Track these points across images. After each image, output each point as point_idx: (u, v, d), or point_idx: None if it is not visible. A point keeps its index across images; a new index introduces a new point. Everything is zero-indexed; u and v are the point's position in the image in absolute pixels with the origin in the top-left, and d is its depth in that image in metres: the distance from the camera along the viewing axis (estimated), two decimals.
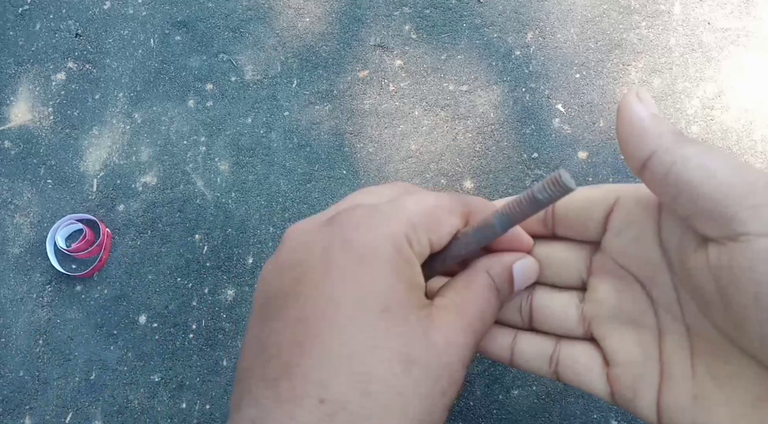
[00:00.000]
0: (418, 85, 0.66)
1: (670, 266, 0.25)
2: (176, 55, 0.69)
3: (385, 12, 0.68)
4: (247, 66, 0.69)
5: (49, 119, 0.70)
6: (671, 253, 0.25)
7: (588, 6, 0.66)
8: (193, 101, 0.68)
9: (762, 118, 0.64)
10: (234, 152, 0.66)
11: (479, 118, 0.65)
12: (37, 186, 0.68)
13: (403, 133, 0.65)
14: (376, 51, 0.67)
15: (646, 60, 0.65)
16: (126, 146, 0.68)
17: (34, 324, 0.64)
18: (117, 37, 0.71)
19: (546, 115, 0.64)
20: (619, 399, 0.28)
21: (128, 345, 0.63)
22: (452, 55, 0.66)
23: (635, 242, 0.26)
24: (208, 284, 0.65)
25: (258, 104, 0.67)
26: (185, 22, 0.70)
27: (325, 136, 0.66)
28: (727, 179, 0.20)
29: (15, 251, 0.67)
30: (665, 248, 0.25)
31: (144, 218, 0.65)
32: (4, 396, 0.63)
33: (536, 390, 0.58)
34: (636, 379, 0.26)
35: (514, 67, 0.66)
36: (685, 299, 0.25)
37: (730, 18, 0.65)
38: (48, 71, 0.71)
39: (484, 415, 0.57)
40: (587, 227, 0.28)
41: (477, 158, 0.64)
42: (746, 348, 0.22)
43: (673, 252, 0.25)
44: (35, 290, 0.65)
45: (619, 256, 0.27)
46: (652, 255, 0.26)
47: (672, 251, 0.25)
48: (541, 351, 0.31)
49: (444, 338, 0.24)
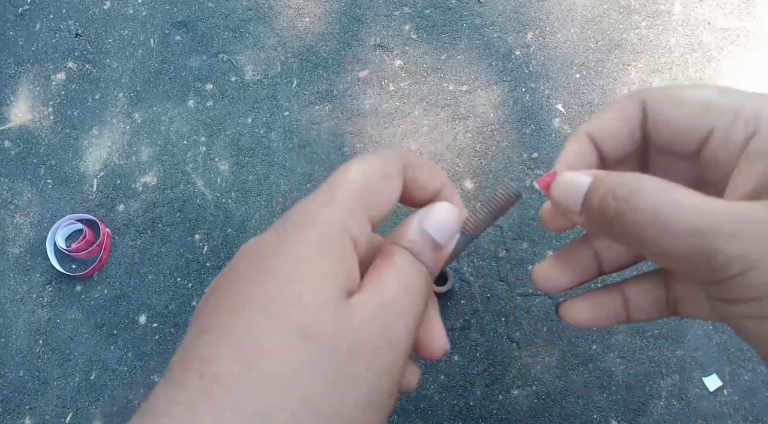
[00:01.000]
0: (418, 85, 0.66)
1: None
2: (176, 55, 0.69)
3: (385, 12, 0.68)
4: (247, 66, 0.69)
5: (49, 119, 0.70)
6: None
7: (588, 6, 0.66)
8: (193, 101, 0.68)
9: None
10: (234, 152, 0.66)
11: (479, 118, 0.65)
12: (37, 186, 0.68)
13: (403, 133, 0.65)
14: (376, 51, 0.67)
15: (646, 60, 0.65)
16: (126, 146, 0.68)
17: (34, 324, 0.64)
18: (117, 37, 0.71)
19: (546, 115, 0.64)
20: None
21: (128, 345, 0.63)
22: (452, 55, 0.66)
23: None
24: (209, 284, 0.65)
25: (258, 104, 0.67)
26: (185, 22, 0.70)
27: (325, 136, 0.66)
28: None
29: (15, 251, 0.67)
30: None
31: (144, 217, 0.65)
32: (4, 396, 0.63)
33: (536, 390, 0.58)
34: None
35: (514, 67, 0.66)
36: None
37: (730, 18, 0.65)
38: (48, 71, 0.71)
39: (484, 415, 0.57)
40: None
41: (477, 158, 0.64)
42: None
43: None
44: (35, 290, 0.65)
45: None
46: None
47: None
48: (656, 295, 0.28)
49: (360, 316, 0.23)
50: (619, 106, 0.26)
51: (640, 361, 0.61)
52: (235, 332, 0.21)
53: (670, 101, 0.24)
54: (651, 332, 0.68)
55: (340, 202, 0.25)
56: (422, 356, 0.28)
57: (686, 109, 0.23)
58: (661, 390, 0.56)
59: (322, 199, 0.25)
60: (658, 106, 0.25)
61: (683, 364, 0.65)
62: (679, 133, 0.23)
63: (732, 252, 0.19)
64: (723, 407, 0.55)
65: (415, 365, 0.31)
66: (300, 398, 0.20)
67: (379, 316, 0.23)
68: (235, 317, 0.21)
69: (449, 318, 0.61)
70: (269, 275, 0.22)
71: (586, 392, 0.57)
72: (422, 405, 0.58)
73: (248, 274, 0.23)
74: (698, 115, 0.23)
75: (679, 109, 0.24)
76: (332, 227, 0.24)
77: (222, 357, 0.20)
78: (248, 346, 0.21)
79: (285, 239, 0.23)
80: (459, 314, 0.61)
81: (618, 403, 0.56)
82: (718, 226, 0.19)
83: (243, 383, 0.20)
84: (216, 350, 0.21)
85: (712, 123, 0.23)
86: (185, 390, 0.20)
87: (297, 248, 0.23)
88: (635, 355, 0.66)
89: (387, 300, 0.24)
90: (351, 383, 0.21)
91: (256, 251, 0.24)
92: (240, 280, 0.23)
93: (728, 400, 0.55)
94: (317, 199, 0.25)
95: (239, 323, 0.21)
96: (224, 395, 0.20)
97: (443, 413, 0.57)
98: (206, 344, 0.21)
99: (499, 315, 0.60)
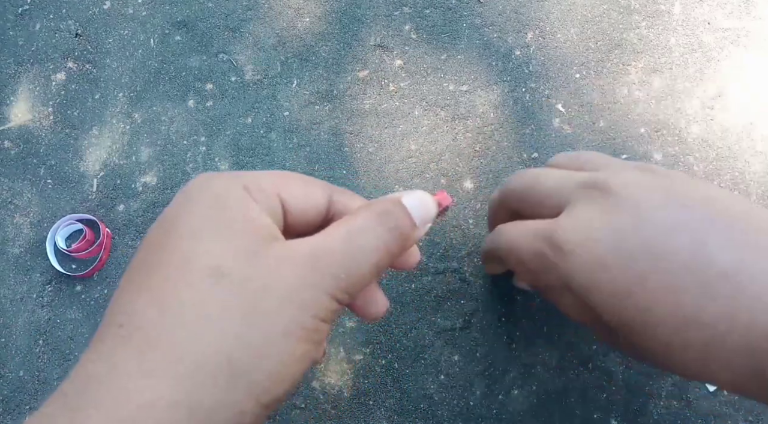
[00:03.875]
0: (418, 85, 0.66)
1: None
2: (176, 55, 0.69)
3: (385, 12, 0.68)
4: (247, 66, 0.69)
5: (49, 119, 0.70)
6: None
7: (588, 6, 0.66)
8: (193, 101, 0.68)
9: (762, 118, 0.64)
10: (234, 152, 0.66)
11: (479, 118, 0.65)
12: (37, 186, 0.68)
13: (403, 133, 0.65)
14: (376, 51, 0.67)
15: (646, 60, 0.65)
16: (126, 146, 0.68)
17: (34, 324, 0.64)
18: (117, 37, 0.71)
19: (546, 115, 0.64)
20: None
21: None
22: (452, 55, 0.66)
23: None
24: None
25: (258, 104, 0.67)
26: (185, 22, 0.70)
27: (325, 136, 0.66)
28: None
29: (15, 251, 0.67)
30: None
31: (144, 218, 0.65)
32: (4, 396, 0.63)
33: (536, 390, 0.58)
34: None
35: (514, 67, 0.66)
36: None
37: (730, 18, 0.65)
38: (48, 71, 0.71)
39: (484, 415, 0.57)
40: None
41: (477, 158, 0.64)
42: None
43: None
44: (35, 290, 0.65)
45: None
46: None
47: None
48: None
49: (275, 258, 0.23)
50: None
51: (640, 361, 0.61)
52: (150, 284, 0.22)
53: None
54: None
55: (240, 174, 0.26)
56: (362, 318, 0.29)
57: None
58: (661, 390, 0.57)
59: (222, 173, 0.27)
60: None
61: None
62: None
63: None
64: (723, 407, 0.55)
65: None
66: (217, 331, 0.21)
67: (303, 261, 0.24)
68: (150, 274, 0.22)
69: (449, 318, 0.61)
70: (175, 233, 0.24)
71: (586, 392, 0.57)
72: (422, 405, 0.58)
73: (158, 236, 0.24)
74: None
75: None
76: (229, 186, 0.25)
77: (140, 307, 0.21)
78: (164, 294, 0.21)
79: (185, 199, 0.25)
80: (459, 314, 0.61)
81: (618, 403, 0.56)
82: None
83: (161, 326, 0.21)
84: (134, 302, 0.22)
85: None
86: (107, 340, 0.21)
87: (198, 206, 0.24)
88: None
89: (320, 250, 0.25)
90: (264, 316, 0.22)
91: (162, 218, 0.25)
92: (152, 244, 0.24)
93: (728, 400, 0.55)
94: (218, 173, 0.28)
95: (154, 278, 0.22)
96: (144, 339, 0.21)
97: (443, 413, 0.57)
98: (126, 300, 0.22)
99: (499, 315, 0.60)
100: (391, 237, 0.26)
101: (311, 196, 0.27)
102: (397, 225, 0.26)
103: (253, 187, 0.25)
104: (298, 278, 0.23)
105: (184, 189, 0.26)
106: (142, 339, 0.20)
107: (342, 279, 0.23)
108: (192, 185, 0.26)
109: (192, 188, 0.26)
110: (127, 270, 0.24)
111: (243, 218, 0.24)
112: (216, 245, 0.22)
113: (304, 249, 0.24)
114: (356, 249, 0.24)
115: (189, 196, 0.25)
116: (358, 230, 0.25)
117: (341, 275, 0.23)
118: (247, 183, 0.25)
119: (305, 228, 0.28)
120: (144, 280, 0.22)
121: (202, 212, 0.24)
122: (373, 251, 0.25)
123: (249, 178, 0.26)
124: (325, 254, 0.24)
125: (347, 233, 0.25)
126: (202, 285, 0.21)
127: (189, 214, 0.24)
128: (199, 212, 0.24)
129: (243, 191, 0.25)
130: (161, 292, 0.21)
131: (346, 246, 0.24)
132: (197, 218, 0.24)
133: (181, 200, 0.25)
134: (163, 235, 0.24)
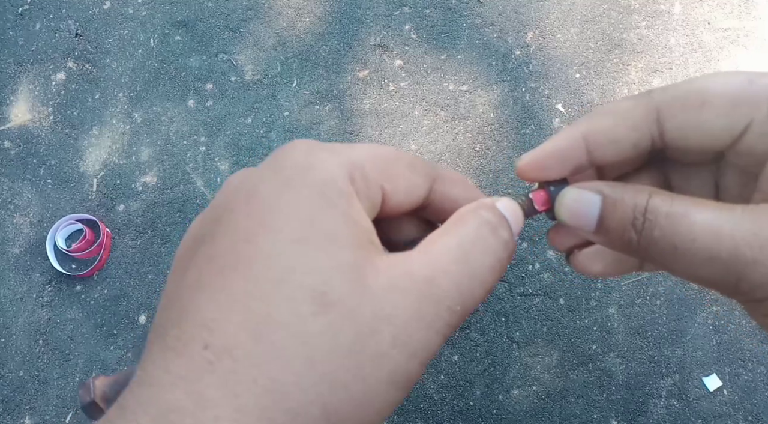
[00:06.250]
0: (418, 85, 0.66)
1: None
2: (176, 55, 0.69)
3: (385, 12, 0.68)
4: (247, 66, 0.69)
5: (49, 119, 0.70)
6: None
7: (588, 6, 0.66)
8: (193, 101, 0.68)
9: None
10: (234, 152, 0.66)
11: (479, 118, 0.65)
12: (37, 186, 0.68)
13: (403, 133, 0.65)
14: (376, 51, 0.67)
15: (646, 60, 0.65)
16: (126, 146, 0.68)
17: (34, 324, 0.64)
18: (117, 37, 0.71)
19: (546, 115, 0.64)
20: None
21: (128, 345, 0.63)
22: (452, 55, 0.66)
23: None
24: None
25: (258, 104, 0.67)
26: (185, 22, 0.70)
27: (325, 136, 0.66)
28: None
29: (15, 251, 0.67)
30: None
31: (144, 217, 0.65)
32: (4, 396, 0.63)
33: (536, 390, 0.58)
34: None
35: (514, 67, 0.66)
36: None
37: (730, 18, 0.65)
38: (48, 71, 0.71)
39: (484, 415, 0.57)
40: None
41: (477, 158, 0.64)
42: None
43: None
44: (35, 290, 0.65)
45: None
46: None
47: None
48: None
49: (386, 282, 0.19)
50: (625, 110, 0.22)
51: (640, 361, 0.61)
52: (239, 296, 0.18)
53: (691, 103, 0.21)
54: (651, 331, 0.68)
55: (341, 151, 0.20)
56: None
57: (712, 110, 0.20)
58: (661, 390, 0.56)
59: (322, 145, 0.20)
60: (677, 111, 0.21)
61: (683, 364, 0.65)
62: (705, 138, 0.21)
63: (755, 279, 0.18)
64: (723, 406, 0.55)
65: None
66: (318, 375, 0.18)
67: (417, 289, 0.19)
68: (236, 278, 0.18)
69: None
70: (273, 230, 0.19)
71: (586, 392, 0.57)
72: (422, 405, 0.58)
73: (247, 226, 0.19)
74: (728, 114, 0.20)
75: (703, 110, 0.20)
76: (335, 173, 0.19)
77: (228, 326, 0.18)
78: (257, 315, 0.18)
79: (283, 182, 0.20)
80: None
81: (618, 403, 0.56)
82: (739, 252, 0.18)
83: (254, 357, 0.18)
84: (220, 316, 0.18)
85: (746, 119, 0.20)
86: (189, 361, 0.18)
87: (298, 197, 0.19)
88: (635, 355, 0.66)
89: (430, 272, 0.20)
90: (372, 359, 0.18)
91: (251, 194, 0.20)
92: (239, 232, 0.19)
93: (728, 400, 0.55)
94: (316, 144, 0.20)
95: (243, 285, 0.18)
96: (233, 369, 0.18)
97: (443, 413, 0.57)
98: (207, 307, 0.18)
99: (499, 315, 0.60)
100: (506, 254, 0.21)
101: (414, 190, 0.22)
102: (507, 238, 0.21)
103: (357, 175, 0.20)
104: (413, 313, 0.19)
105: (280, 162, 0.20)
106: (231, 370, 0.17)
107: (456, 312, 0.19)
108: (290, 160, 0.19)
109: (291, 166, 0.20)
110: (200, 252, 0.19)
111: (347, 222, 0.19)
112: (320, 260, 0.18)
113: (415, 271, 0.19)
114: (472, 271, 0.20)
115: (289, 178, 0.20)
116: (472, 242, 0.20)
117: (456, 307, 0.19)
118: (352, 170, 0.20)
119: (388, 216, 0.23)
120: (228, 284, 0.18)
121: (306, 209, 0.19)
122: (488, 270, 0.20)
123: (354, 160, 0.20)
124: (439, 278, 0.20)
125: (460, 249, 0.20)
126: (304, 312, 0.18)
127: (291, 207, 0.19)
128: (304, 209, 0.19)
129: (349, 184, 0.20)
130: (253, 313, 0.18)
131: (461, 268, 0.20)
132: (302, 216, 0.19)
133: (277, 181, 0.20)
134: (257, 225, 0.19)
